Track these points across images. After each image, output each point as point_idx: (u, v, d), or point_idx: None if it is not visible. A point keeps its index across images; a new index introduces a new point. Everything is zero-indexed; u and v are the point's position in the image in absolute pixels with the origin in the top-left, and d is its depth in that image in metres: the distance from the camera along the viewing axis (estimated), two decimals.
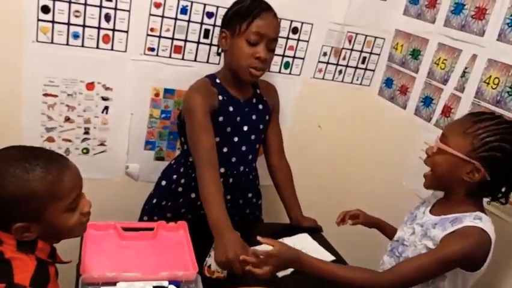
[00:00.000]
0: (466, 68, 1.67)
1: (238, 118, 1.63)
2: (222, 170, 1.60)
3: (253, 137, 1.69)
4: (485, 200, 1.32)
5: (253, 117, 1.67)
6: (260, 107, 1.70)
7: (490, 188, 1.26)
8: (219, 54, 1.61)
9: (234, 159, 1.65)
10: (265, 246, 1.27)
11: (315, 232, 1.76)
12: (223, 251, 1.29)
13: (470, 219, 1.23)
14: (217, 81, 1.61)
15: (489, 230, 1.22)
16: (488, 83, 1.58)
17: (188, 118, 1.54)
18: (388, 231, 1.59)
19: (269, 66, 1.61)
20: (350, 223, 1.60)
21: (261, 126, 1.71)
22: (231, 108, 1.60)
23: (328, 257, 1.61)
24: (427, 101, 1.85)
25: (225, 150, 1.62)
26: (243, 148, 1.66)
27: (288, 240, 1.64)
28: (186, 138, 1.60)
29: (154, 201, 1.71)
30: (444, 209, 1.31)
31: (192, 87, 1.60)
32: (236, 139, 1.63)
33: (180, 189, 1.69)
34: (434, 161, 1.31)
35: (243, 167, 1.69)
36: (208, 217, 1.38)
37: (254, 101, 1.68)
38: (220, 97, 1.58)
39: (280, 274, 1.47)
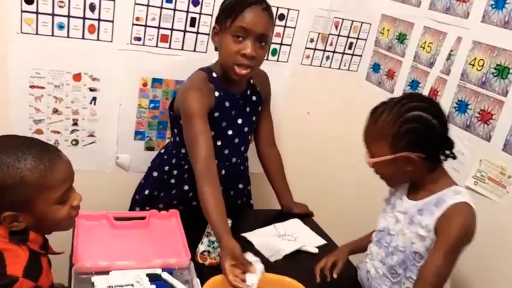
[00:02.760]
0: (451, 51, 1.69)
1: (233, 112, 1.60)
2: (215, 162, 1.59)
3: (246, 129, 1.68)
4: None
5: (247, 109, 1.66)
6: (254, 98, 1.67)
7: (432, 158, 1.27)
8: (216, 49, 1.56)
9: (226, 151, 1.64)
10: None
11: (306, 217, 1.78)
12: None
13: (452, 196, 1.25)
14: (214, 75, 1.55)
15: (470, 201, 1.25)
16: (473, 65, 1.60)
17: (186, 121, 1.48)
18: (366, 243, 1.54)
19: (261, 62, 1.52)
20: (335, 276, 1.43)
21: (254, 118, 1.71)
22: (227, 104, 1.57)
23: (319, 241, 1.63)
24: (414, 85, 1.86)
25: (219, 143, 1.59)
26: (236, 140, 1.65)
27: (279, 226, 1.66)
28: (179, 130, 1.59)
29: (146, 192, 1.71)
30: (421, 191, 1.32)
31: (190, 86, 1.53)
32: (230, 132, 1.62)
33: (173, 180, 1.68)
34: (377, 172, 1.34)
35: (235, 158, 1.69)
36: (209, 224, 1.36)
37: (248, 93, 1.65)
38: (217, 93, 1.54)
39: (273, 259, 1.49)
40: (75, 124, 1.80)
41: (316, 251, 1.58)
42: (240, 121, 1.64)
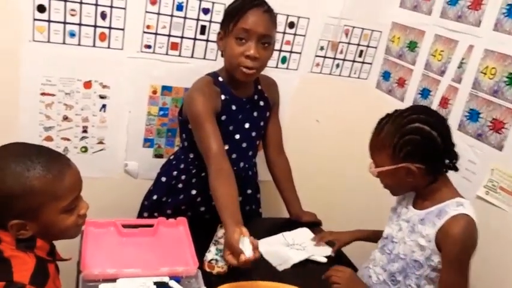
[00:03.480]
0: (462, 59, 1.67)
1: (240, 116, 1.61)
2: None
3: (254, 133, 1.68)
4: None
5: (255, 114, 1.66)
6: (261, 103, 1.68)
7: (434, 170, 1.28)
8: (222, 55, 1.58)
9: (234, 156, 1.64)
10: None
11: (315, 226, 1.77)
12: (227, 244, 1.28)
13: (454, 207, 1.26)
14: (220, 79, 1.57)
15: (472, 213, 1.25)
16: (485, 73, 1.58)
17: (194, 125, 1.50)
18: (371, 236, 1.61)
19: (265, 63, 1.56)
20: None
21: (262, 123, 1.71)
22: (233, 107, 1.58)
23: (327, 251, 1.61)
24: (425, 93, 1.85)
25: (227, 147, 1.58)
26: (244, 145, 1.66)
27: (288, 235, 1.65)
28: (187, 135, 1.60)
29: (155, 197, 1.71)
30: (425, 201, 1.33)
31: (195, 88, 1.55)
32: (238, 136, 1.62)
33: (180, 185, 1.68)
34: (381, 182, 1.37)
35: (243, 163, 1.69)
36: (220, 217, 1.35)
37: (255, 98, 1.66)
38: (223, 96, 1.55)
39: (281, 268, 1.47)
40: (84, 131, 1.80)
41: (325, 260, 1.56)
42: (247, 125, 1.64)
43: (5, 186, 0.96)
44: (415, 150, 1.24)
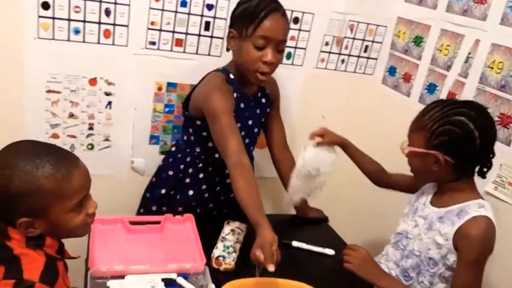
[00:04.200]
0: (469, 54, 1.66)
1: (247, 113, 1.62)
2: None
3: (255, 130, 1.69)
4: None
5: (257, 111, 1.67)
6: (263, 100, 1.69)
7: (461, 168, 1.27)
8: (228, 50, 1.57)
9: None
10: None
11: (321, 222, 1.76)
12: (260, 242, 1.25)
13: (475, 208, 1.24)
14: (231, 76, 1.57)
15: (492, 216, 1.24)
16: (492, 68, 1.57)
17: (213, 120, 1.48)
18: (352, 151, 1.64)
19: (277, 67, 1.55)
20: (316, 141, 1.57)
21: (263, 119, 1.72)
22: (242, 105, 1.58)
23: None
24: (431, 88, 1.84)
25: None
26: (247, 141, 1.66)
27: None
28: (195, 131, 1.61)
29: (163, 191, 1.70)
30: (445, 199, 1.32)
31: (213, 86, 1.53)
32: (243, 133, 1.62)
33: (188, 180, 1.68)
34: (408, 162, 1.36)
35: None
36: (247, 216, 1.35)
37: (259, 95, 1.67)
38: (235, 94, 1.56)
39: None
40: (91, 128, 1.80)
41: (332, 252, 1.56)
42: (250, 122, 1.65)
43: (13, 184, 0.96)
44: (450, 142, 1.22)
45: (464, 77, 1.68)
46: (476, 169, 1.29)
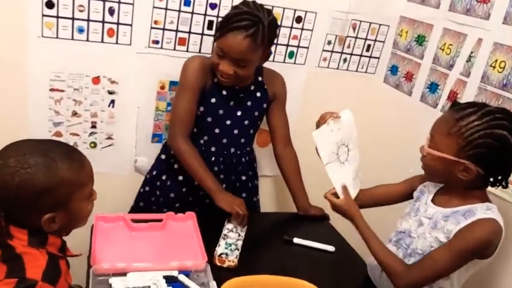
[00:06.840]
0: (471, 53, 1.66)
1: (232, 103, 1.67)
2: (213, 148, 1.71)
3: (246, 122, 1.73)
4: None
5: (248, 103, 1.70)
6: (258, 94, 1.72)
7: (486, 179, 1.25)
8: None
9: (225, 141, 1.72)
10: None
11: (322, 220, 1.77)
12: (228, 201, 1.54)
13: (483, 210, 1.23)
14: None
15: (500, 220, 1.23)
16: (494, 67, 1.57)
17: (178, 89, 1.65)
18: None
19: (243, 76, 1.58)
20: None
21: (256, 113, 1.74)
22: (224, 92, 1.65)
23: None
24: (433, 87, 1.84)
25: (217, 131, 1.69)
26: (235, 131, 1.71)
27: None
28: None
29: (154, 172, 1.79)
30: (450, 200, 1.31)
31: (195, 57, 1.65)
32: (228, 122, 1.69)
33: (176, 166, 1.73)
34: (426, 162, 1.32)
35: (234, 149, 1.74)
36: (200, 184, 1.60)
37: (252, 88, 1.70)
38: (216, 79, 1.62)
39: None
40: (93, 127, 1.82)
41: (332, 249, 1.57)
42: (239, 113, 1.70)
43: (39, 181, 0.97)
44: (487, 155, 1.18)
45: (466, 76, 1.68)
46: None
